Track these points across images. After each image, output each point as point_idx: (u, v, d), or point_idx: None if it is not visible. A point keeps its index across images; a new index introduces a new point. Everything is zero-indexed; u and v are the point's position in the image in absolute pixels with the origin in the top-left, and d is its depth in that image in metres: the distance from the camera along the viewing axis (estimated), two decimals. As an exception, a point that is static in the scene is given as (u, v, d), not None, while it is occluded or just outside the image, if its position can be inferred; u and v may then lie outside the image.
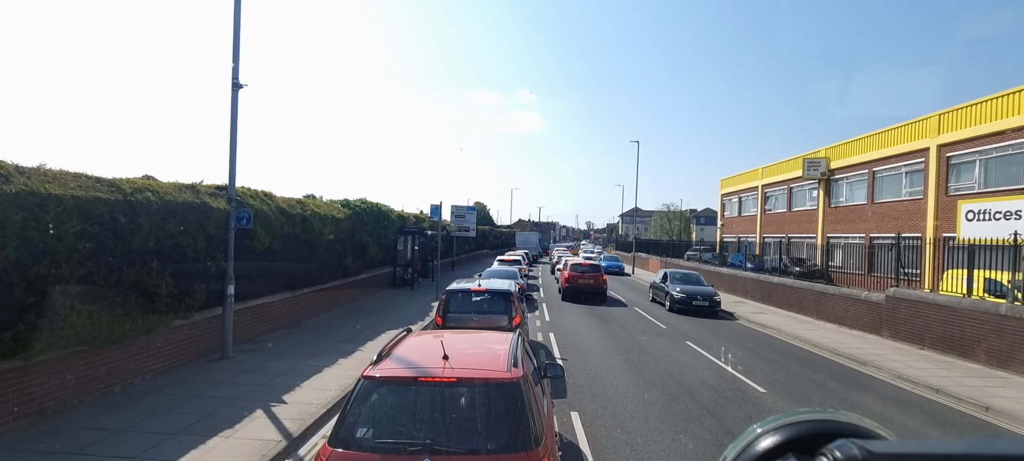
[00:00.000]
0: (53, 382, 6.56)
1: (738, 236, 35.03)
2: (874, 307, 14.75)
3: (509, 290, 9.53)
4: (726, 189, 38.25)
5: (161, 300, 8.09)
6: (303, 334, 12.09)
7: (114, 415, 6.64)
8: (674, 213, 73.56)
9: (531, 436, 3.50)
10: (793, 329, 15.40)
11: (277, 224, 11.76)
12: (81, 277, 6.72)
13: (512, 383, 3.70)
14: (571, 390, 8.64)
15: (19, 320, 6.00)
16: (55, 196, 6.32)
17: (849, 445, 0.59)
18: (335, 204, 16.53)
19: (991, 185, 16.44)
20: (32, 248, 6.06)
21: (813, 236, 25.75)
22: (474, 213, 34.33)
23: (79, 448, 5.67)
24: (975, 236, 12.80)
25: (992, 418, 8.27)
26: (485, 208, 68.45)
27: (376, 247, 19.32)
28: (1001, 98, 16.21)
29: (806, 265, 22.21)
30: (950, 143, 17.97)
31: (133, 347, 7.82)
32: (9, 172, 6.01)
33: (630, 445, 6.58)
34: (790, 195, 28.94)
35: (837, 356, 12.34)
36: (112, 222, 7.18)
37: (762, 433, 0.75)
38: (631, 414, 7.67)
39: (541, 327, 14.62)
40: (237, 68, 9.55)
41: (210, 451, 5.78)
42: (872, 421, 0.75)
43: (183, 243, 8.68)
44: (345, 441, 3.43)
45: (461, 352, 4.23)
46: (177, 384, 8.00)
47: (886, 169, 21.26)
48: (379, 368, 3.84)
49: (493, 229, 62.82)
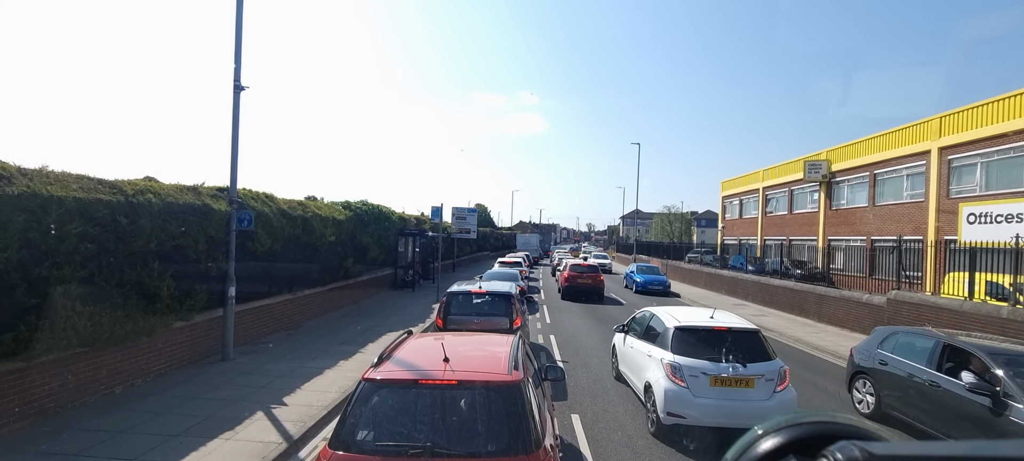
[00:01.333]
0: (54, 383, 6.56)
1: (739, 238, 35.00)
2: (875, 310, 14.72)
3: (510, 292, 9.53)
4: (727, 191, 38.24)
5: (162, 301, 8.10)
6: (304, 336, 12.09)
7: (115, 416, 6.64)
8: (675, 215, 73.56)
9: (532, 438, 3.50)
10: (794, 332, 15.38)
11: (278, 226, 11.78)
12: (82, 278, 6.73)
13: (513, 385, 3.70)
14: (572, 392, 8.63)
15: (21, 321, 6.01)
16: (57, 198, 6.33)
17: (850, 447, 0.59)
18: (336, 206, 16.55)
19: (992, 188, 16.42)
20: (34, 249, 6.08)
21: (814, 238, 25.72)
22: (475, 215, 34.35)
23: (80, 450, 5.67)
24: (976, 239, 12.79)
25: (994, 421, 8.23)
26: (486, 210, 68.47)
27: (377, 249, 19.33)
28: (1002, 101, 16.20)
29: (807, 267, 22.18)
30: (951, 146, 17.95)
31: (134, 348, 7.83)
32: (12, 174, 6.03)
33: (631, 448, 6.56)
34: (791, 197, 28.93)
35: (838, 359, 12.31)
36: (114, 223, 7.19)
37: (763, 434, 0.76)
38: (632, 416, 7.66)
39: (542, 329, 14.61)
40: (239, 70, 9.57)
41: (211, 453, 5.77)
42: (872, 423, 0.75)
43: (184, 244, 8.70)
44: (346, 443, 3.43)
45: (462, 354, 4.22)
46: (178, 385, 8.01)
47: (887, 171, 21.24)
48: (380, 370, 3.84)
49: (494, 231, 62.84)
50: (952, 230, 16.56)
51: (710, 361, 6.75)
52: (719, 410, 6.48)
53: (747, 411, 6.47)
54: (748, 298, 22.80)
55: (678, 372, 6.75)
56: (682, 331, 7.16)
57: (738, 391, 6.61)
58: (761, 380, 6.62)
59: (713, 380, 6.60)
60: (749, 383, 6.62)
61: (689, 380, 6.65)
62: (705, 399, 6.54)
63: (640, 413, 7.79)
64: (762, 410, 6.44)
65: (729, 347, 6.87)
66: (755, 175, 33.44)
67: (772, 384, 6.65)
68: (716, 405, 6.49)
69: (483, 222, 54.22)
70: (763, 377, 6.63)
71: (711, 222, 65.95)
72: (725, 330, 7.07)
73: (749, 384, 6.62)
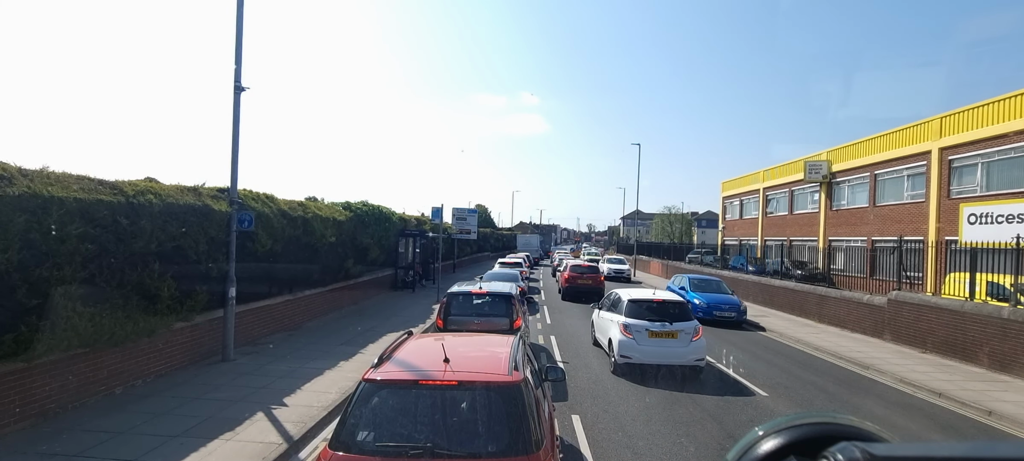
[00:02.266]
0: (55, 384, 6.57)
1: (739, 239, 35.00)
2: (876, 310, 14.71)
3: (510, 293, 9.54)
4: (727, 192, 38.25)
5: (163, 302, 8.10)
6: (304, 336, 12.09)
7: (115, 417, 6.64)
8: (675, 216, 73.56)
9: (532, 439, 3.49)
10: (795, 332, 15.36)
11: (279, 226, 11.78)
12: (83, 279, 6.73)
13: (513, 386, 3.69)
14: (572, 393, 8.62)
15: (21, 322, 6.01)
16: (58, 198, 6.33)
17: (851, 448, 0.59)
18: (336, 206, 16.56)
19: (993, 188, 16.41)
20: (35, 250, 6.08)
21: (815, 239, 25.71)
22: (475, 215, 34.36)
23: (80, 450, 5.67)
24: (977, 239, 12.78)
25: (995, 422, 8.24)
26: (486, 210, 68.48)
27: (377, 249, 19.34)
28: (1003, 101, 16.19)
29: (808, 268, 22.18)
30: (952, 146, 17.94)
31: (135, 349, 7.83)
32: (12, 174, 6.04)
33: (631, 448, 6.56)
34: (791, 198, 28.92)
35: (839, 359, 12.31)
36: (114, 224, 7.19)
37: (764, 435, 0.76)
38: (632, 417, 7.66)
39: (542, 329, 14.61)
40: (239, 71, 9.58)
41: (211, 454, 5.77)
42: (873, 424, 0.75)
43: (185, 245, 8.70)
44: (346, 444, 3.43)
45: (462, 355, 4.22)
46: (178, 386, 8.01)
47: (888, 172, 21.23)
48: (380, 371, 3.84)
49: (494, 231, 62.86)
50: (953, 230, 16.54)
51: (649, 321, 9.91)
52: (653, 353, 9.69)
53: (671, 354, 9.74)
54: (748, 298, 22.76)
55: (628, 328, 9.87)
56: (633, 302, 10.35)
57: (666, 341, 9.78)
58: (682, 333, 9.83)
59: (650, 333, 9.80)
60: (673, 335, 9.82)
61: (635, 334, 9.80)
62: (645, 346, 9.72)
63: (641, 415, 7.80)
64: (681, 353, 9.75)
65: (663, 312, 10.11)
66: (755, 176, 33.44)
67: (689, 336, 9.82)
68: (652, 350, 9.71)
69: (483, 223, 54.23)
70: (684, 332, 9.84)
71: (711, 223, 65.91)
72: (661, 301, 10.41)
73: (673, 336, 9.82)
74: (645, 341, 9.69)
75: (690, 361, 9.77)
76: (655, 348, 9.65)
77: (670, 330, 9.78)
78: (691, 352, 9.71)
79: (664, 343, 9.70)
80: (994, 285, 12.04)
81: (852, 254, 22.14)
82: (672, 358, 9.70)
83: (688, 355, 9.69)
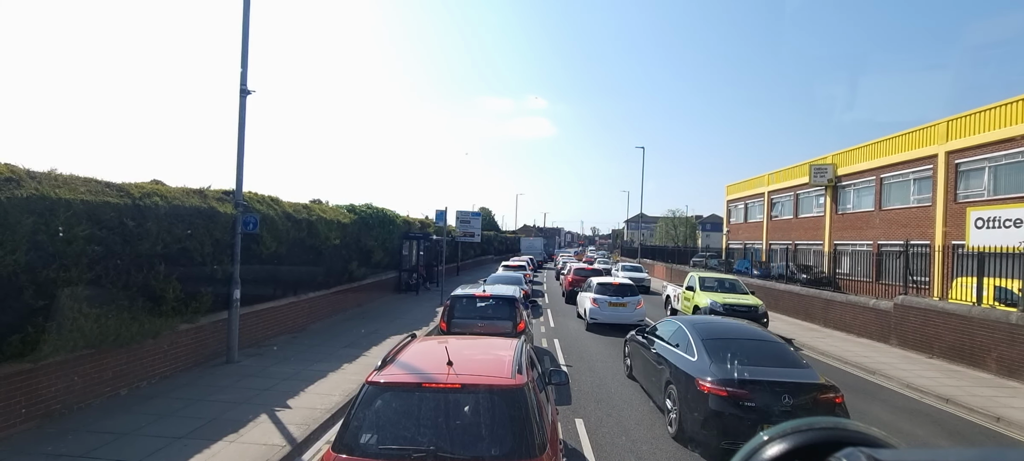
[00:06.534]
0: (60, 385, 6.60)
1: (744, 242, 34.85)
2: (882, 315, 14.61)
3: (514, 296, 9.52)
4: (732, 195, 38.12)
5: (168, 304, 8.14)
6: (308, 339, 12.11)
7: (120, 418, 6.67)
8: (680, 219, 73.42)
9: (535, 443, 3.48)
10: (800, 337, 15.27)
11: (283, 229, 11.82)
12: (89, 280, 6.76)
13: (516, 389, 3.69)
14: (576, 397, 8.58)
15: (28, 323, 6.05)
16: (65, 200, 6.38)
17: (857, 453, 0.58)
18: (341, 209, 16.60)
19: (1000, 192, 16.30)
20: (42, 252, 6.12)
21: (820, 243, 25.58)
22: (479, 218, 34.35)
23: (85, 451, 5.70)
24: (984, 244, 12.67)
25: (1003, 429, 8.15)
26: (490, 213, 68.55)
27: (381, 252, 19.37)
28: (1010, 104, 16.09)
29: (813, 272, 22.04)
30: (959, 150, 17.83)
31: (139, 350, 7.87)
32: (20, 177, 6.08)
33: (635, 453, 6.53)
34: (797, 202, 28.80)
35: (845, 364, 12.22)
36: (121, 226, 7.23)
37: (770, 440, 0.75)
38: (636, 421, 7.63)
39: (546, 333, 14.59)
40: (245, 74, 9.64)
41: (215, 455, 5.79)
42: (880, 430, 0.74)
43: (190, 247, 8.74)
44: (349, 447, 3.43)
45: (465, 358, 4.22)
46: (182, 387, 8.04)
47: (894, 176, 21.12)
48: (383, 374, 3.84)
49: (498, 234, 62.86)
50: (960, 235, 16.41)
51: (609, 296, 15.54)
52: (611, 316, 15.13)
53: (622, 316, 15.02)
54: (753, 303, 22.65)
55: (596, 301, 15.49)
56: (600, 284, 16.17)
57: (619, 308, 15.28)
58: (630, 303, 15.37)
59: (610, 303, 15.35)
60: (624, 305, 15.34)
61: (600, 303, 15.39)
62: (606, 311, 15.24)
63: (645, 419, 7.76)
64: (629, 315, 14.99)
65: (619, 290, 15.76)
66: (760, 179, 33.33)
67: (634, 305, 15.31)
68: (610, 313, 15.21)
69: (487, 226, 54.28)
70: (631, 303, 15.39)
71: (716, 226, 65.72)
72: (619, 283, 16.26)
73: (624, 305, 15.33)
74: (606, 308, 15.21)
75: (634, 320, 14.68)
76: (612, 312, 15.16)
77: (622, 302, 15.41)
78: (635, 315, 15.10)
79: (618, 310, 15.21)
80: (1002, 290, 11.93)
81: (858, 258, 22.00)
82: (623, 318, 14.87)
83: (632, 316, 14.99)
